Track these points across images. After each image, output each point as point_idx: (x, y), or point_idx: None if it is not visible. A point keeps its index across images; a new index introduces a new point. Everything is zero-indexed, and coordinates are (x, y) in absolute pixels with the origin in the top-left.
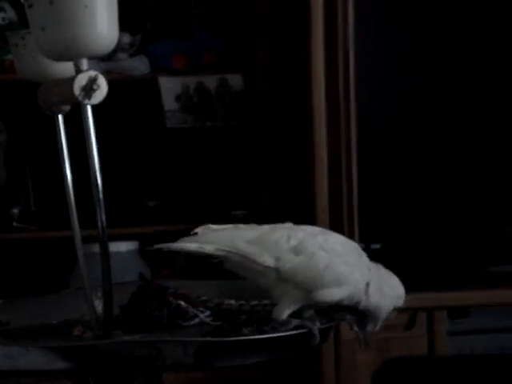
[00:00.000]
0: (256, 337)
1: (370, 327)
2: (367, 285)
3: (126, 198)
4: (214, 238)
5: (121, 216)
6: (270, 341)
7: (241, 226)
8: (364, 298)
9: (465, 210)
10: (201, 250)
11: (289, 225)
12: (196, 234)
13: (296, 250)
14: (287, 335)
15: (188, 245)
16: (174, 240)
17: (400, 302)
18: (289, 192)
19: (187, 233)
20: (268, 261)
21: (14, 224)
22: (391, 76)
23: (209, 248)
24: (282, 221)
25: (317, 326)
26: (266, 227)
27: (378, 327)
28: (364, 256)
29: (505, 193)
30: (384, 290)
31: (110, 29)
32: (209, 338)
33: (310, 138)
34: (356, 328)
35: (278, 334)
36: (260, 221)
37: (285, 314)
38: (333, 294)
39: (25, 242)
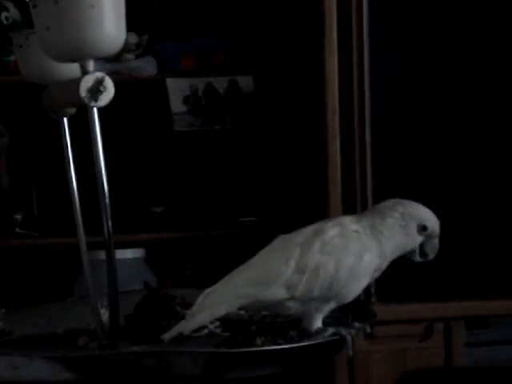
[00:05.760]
0: (269, 348)
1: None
2: (382, 251)
3: (132, 204)
4: (219, 298)
5: (126, 222)
6: (284, 352)
7: (233, 272)
8: (385, 263)
9: (482, 216)
10: (213, 316)
11: (281, 240)
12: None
13: (300, 269)
14: (303, 346)
15: (199, 318)
16: (181, 247)
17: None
18: (301, 198)
19: (195, 241)
20: (280, 294)
21: (17, 230)
22: (406, 76)
23: (221, 309)
24: (294, 228)
25: (351, 335)
26: (257, 258)
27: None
28: (362, 230)
29: None
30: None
31: (117, 29)
32: (221, 350)
33: (322, 141)
34: (369, 329)
35: (295, 345)
36: (271, 228)
37: (315, 324)
38: (354, 289)
39: (27, 249)
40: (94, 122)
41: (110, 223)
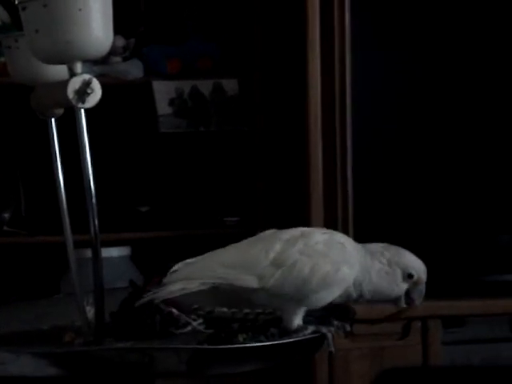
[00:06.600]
0: (251, 344)
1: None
2: (359, 277)
3: (118, 203)
4: (194, 272)
5: (112, 221)
6: (266, 349)
7: (218, 250)
8: (356, 292)
9: (459, 218)
10: (186, 290)
11: (270, 232)
12: (175, 271)
13: (276, 263)
14: (283, 343)
15: (172, 288)
16: (166, 246)
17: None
18: (283, 199)
19: (179, 239)
20: (251, 282)
21: (5, 228)
22: (387, 83)
23: (193, 285)
24: (275, 228)
25: (331, 333)
26: (242, 244)
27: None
28: (351, 247)
29: (497, 200)
30: (387, 271)
31: (104, 32)
32: (204, 346)
33: (305, 144)
34: (348, 327)
35: (276, 342)
36: (253, 228)
37: (295, 322)
38: (324, 297)
39: (15, 247)
40: (81, 123)
41: (96, 222)
